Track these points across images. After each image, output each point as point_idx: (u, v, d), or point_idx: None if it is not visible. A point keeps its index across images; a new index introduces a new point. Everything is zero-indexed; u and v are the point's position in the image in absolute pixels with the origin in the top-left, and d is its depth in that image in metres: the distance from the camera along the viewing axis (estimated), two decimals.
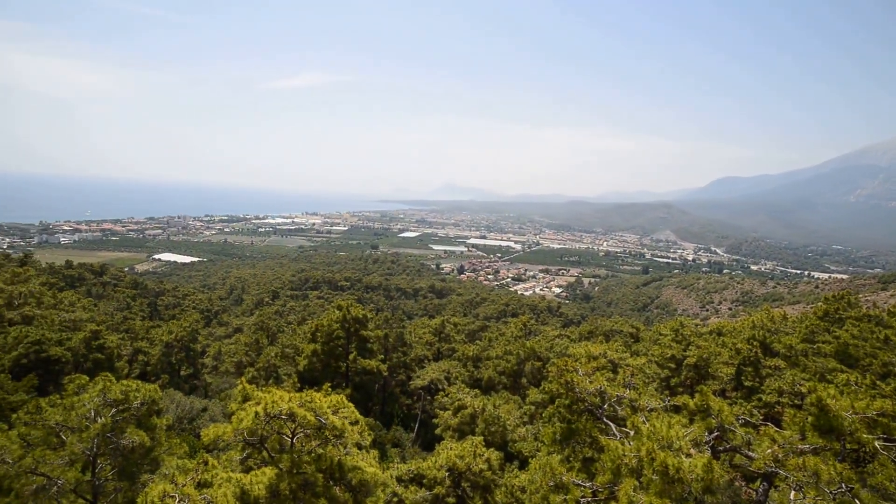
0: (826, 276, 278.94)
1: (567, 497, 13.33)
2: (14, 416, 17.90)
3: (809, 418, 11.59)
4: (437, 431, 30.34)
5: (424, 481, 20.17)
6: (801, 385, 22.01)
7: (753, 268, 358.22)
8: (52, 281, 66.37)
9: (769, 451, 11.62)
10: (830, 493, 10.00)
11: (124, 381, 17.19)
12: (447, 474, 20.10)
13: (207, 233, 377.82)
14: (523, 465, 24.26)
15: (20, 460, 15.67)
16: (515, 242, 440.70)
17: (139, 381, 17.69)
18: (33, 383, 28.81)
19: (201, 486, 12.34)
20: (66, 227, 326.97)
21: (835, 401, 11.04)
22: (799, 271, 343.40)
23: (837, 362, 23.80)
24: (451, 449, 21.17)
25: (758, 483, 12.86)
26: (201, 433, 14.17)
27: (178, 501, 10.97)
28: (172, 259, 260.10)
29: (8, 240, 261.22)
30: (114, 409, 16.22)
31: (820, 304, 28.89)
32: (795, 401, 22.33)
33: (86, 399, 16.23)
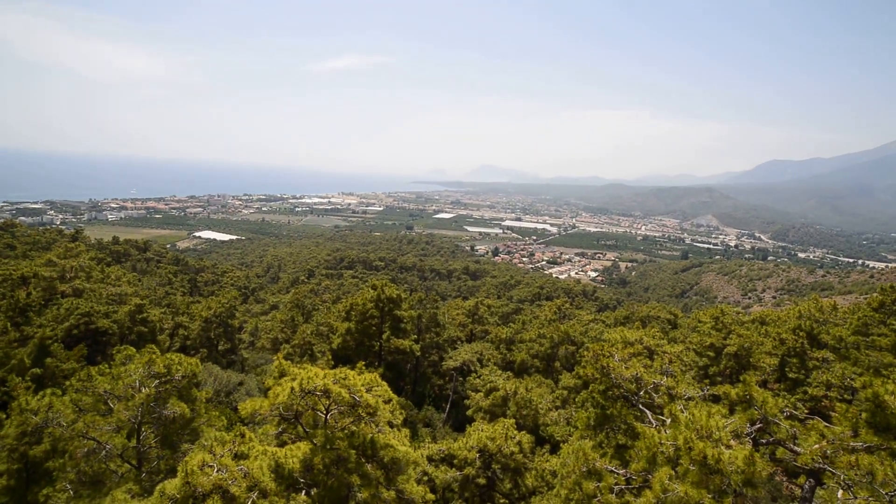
0: (883, 265, 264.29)
1: (600, 484, 13.07)
2: (67, 383, 18.84)
3: (863, 414, 10.95)
4: (469, 413, 30.40)
5: (455, 461, 20.24)
6: (852, 379, 20.97)
7: (801, 255, 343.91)
8: (101, 256, 69.06)
9: (817, 446, 11.07)
10: (886, 494, 9.44)
11: (167, 355, 17.81)
12: (478, 455, 20.10)
13: (246, 211, 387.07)
14: (555, 449, 24.09)
15: (73, 424, 16.69)
16: (551, 225, 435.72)
17: (180, 355, 18.29)
18: (83, 353, 30.32)
19: (238, 457, 12.60)
20: (113, 205, 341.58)
21: (893, 397, 10.36)
22: (851, 260, 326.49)
23: (894, 357, 22.53)
24: (482, 430, 21.14)
25: (802, 479, 12.32)
26: (239, 407, 14.48)
27: (217, 471, 11.23)
28: (212, 237, 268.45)
29: (61, 216, 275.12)
30: (157, 381, 16.87)
31: (875, 294, 27.35)
32: (845, 395, 21.34)
33: (132, 370, 16.92)
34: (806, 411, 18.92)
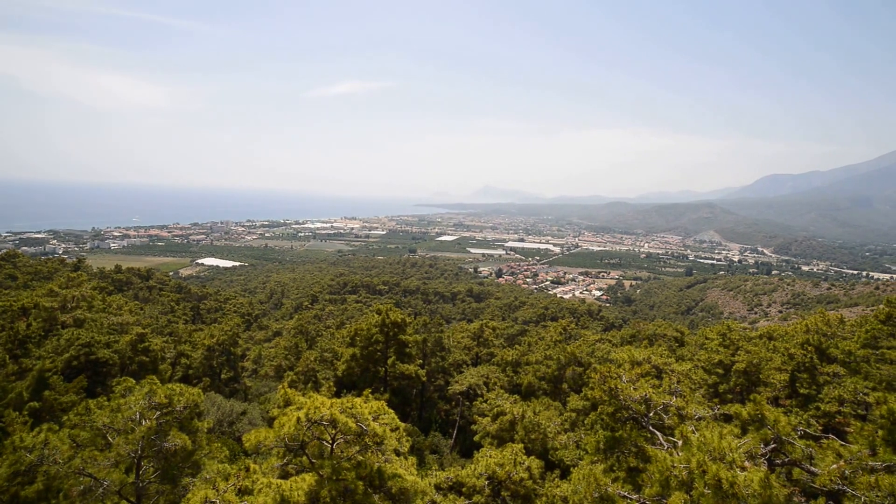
0: (887, 276, 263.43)
1: None
2: (65, 417, 18.28)
3: (880, 432, 10.72)
4: (476, 438, 29.93)
5: (463, 490, 19.81)
6: (864, 394, 20.65)
7: (805, 268, 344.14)
8: (102, 285, 68.79)
9: (835, 466, 10.82)
10: None
11: (168, 385, 17.32)
12: (486, 483, 19.69)
13: (249, 238, 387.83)
14: (565, 474, 23.59)
15: (69, 461, 15.91)
16: (554, 245, 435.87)
17: (182, 385, 17.79)
18: (83, 385, 29.56)
19: (242, 492, 12.26)
20: (115, 233, 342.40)
21: None
22: (855, 272, 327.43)
23: None
24: (490, 456, 20.75)
25: (821, 500, 12.01)
26: (243, 438, 14.13)
27: None
28: (215, 263, 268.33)
29: (63, 245, 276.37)
30: (158, 412, 16.37)
31: (882, 306, 27.11)
32: (858, 410, 21.00)
33: (132, 402, 16.43)
34: (820, 428, 18.60)
